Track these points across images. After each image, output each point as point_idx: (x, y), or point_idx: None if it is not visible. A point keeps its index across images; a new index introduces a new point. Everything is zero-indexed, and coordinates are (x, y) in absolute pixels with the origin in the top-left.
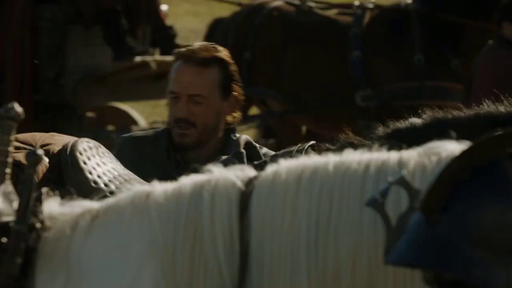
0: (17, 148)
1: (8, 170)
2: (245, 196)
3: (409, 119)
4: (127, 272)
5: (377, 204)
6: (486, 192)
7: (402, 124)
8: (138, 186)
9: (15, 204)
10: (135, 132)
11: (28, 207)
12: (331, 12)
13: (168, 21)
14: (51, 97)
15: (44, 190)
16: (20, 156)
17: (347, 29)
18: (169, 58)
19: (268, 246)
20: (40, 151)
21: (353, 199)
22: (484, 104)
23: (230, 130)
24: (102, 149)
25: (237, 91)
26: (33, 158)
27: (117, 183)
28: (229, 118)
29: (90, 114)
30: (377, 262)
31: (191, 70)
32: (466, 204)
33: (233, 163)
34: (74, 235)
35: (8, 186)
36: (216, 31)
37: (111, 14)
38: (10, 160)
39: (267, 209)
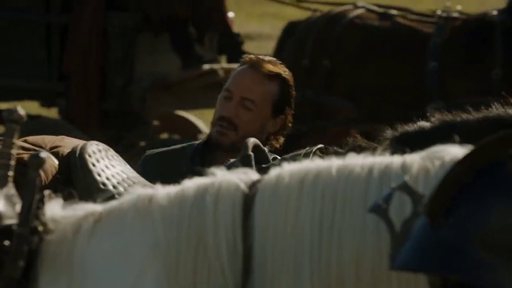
0: (27, 149)
1: (10, 173)
2: (248, 199)
3: (418, 122)
4: (130, 275)
5: (380, 210)
6: (489, 194)
7: (410, 127)
8: (141, 189)
9: (18, 207)
10: (162, 148)
11: (31, 210)
12: (412, 21)
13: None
14: (119, 105)
15: (47, 192)
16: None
17: (428, 39)
18: (236, 65)
19: (271, 249)
20: (44, 154)
21: (356, 203)
22: (493, 107)
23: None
24: (111, 152)
25: (288, 116)
26: (36, 160)
27: (126, 185)
28: (273, 142)
29: (155, 122)
30: (381, 265)
31: (253, 76)
32: (470, 207)
33: (237, 166)
34: (77, 238)
35: (10, 188)
36: (291, 36)
37: (179, 21)
38: (13, 163)
39: (270, 212)
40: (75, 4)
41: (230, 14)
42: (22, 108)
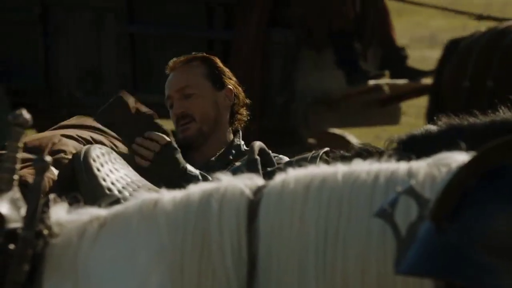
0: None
1: (16, 177)
2: (253, 204)
3: (425, 126)
4: (134, 279)
5: (386, 214)
6: (495, 198)
7: (417, 131)
8: (146, 194)
9: (23, 211)
10: None
11: (36, 214)
12: None
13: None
14: (279, 122)
15: (52, 196)
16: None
17: None
18: (401, 81)
19: (276, 254)
20: (48, 158)
21: (362, 209)
22: (500, 110)
23: (235, 133)
24: (114, 155)
25: (235, 87)
26: (40, 165)
27: (131, 189)
28: (240, 117)
29: (310, 140)
30: (386, 271)
31: (175, 73)
32: (475, 211)
33: (242, 171)
34: (81, 242)
35: (16, 192)
36: (454, 54)
37: (343, 36)
38: (18, 166)
39: (275, 217)
40: (238, 20)
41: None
42: None
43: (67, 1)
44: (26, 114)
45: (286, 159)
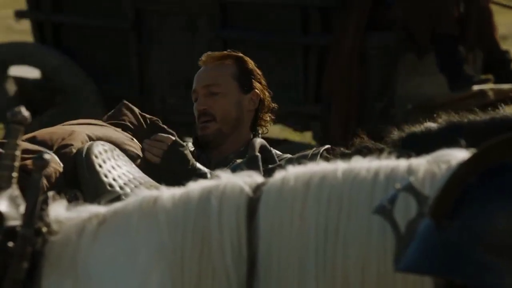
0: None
1: (14, 174)
2: (253, 202)
3: (425, 123)
4: (134, 277)
5: (385, 211)
6: (494, 196)
7: (417, 128)
8: (145, 191)
9: (22, 208)
10: None
11: (35, 211)
12: None
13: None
14: (378, 128)
15: (51, 194)
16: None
17: None
18: (506, 86)
19: (276, 252)
20: (48, 156)
21: (362, 206)
22: (500, 108)
23: (255, 135)
24: (117, 151)
25: (263, 91)
26: (40, 162)
27: (132, 186)
28: (262, 123)
29: None
30: (386, 269)
31: (206, 67)
32: (475, 209)
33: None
34: (81, 240)
35: (14, 190)
36: None
37: (447, 40)
38: (16, 164)
39: (275, 215)
40: (337, 24)
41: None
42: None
43: (161, 7)
44: (25, 112)
45: (287, 156)
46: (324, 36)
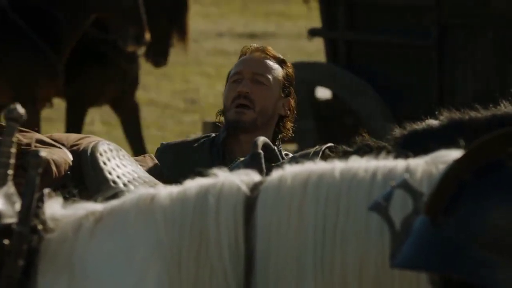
0: (47, 144)
1: (10, 172)
2: (250, 201)
3: (426, 120)
4: (131, 275)
5: (380, 208)
6: (489, 192)
7: (418, 125)
8: (143, 189)
9: (17, 206)
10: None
11: (30, 209)
12: None
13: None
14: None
15: (46, 191)
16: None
17: None
18: None
19: (274, 251)
20: (43, 153)
21: (360, 205)
22: (502, 105)
23: (276, 141)
24: (123, 152)
25: (293, 98)
26: (35, 159)
27: (136, 184)
28: (282, 129)
29: None
30: (384, 268)
31: (261, 56)
32: (470, 205)
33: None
34: (77, 237)
35: (10, 187)
36: None
37: None
38: (12, 161)
39: (273, 214)
40: None
41: None
42: None
43: (468, 21)
44: (20, 109)
45: (290, 154)
46: None
